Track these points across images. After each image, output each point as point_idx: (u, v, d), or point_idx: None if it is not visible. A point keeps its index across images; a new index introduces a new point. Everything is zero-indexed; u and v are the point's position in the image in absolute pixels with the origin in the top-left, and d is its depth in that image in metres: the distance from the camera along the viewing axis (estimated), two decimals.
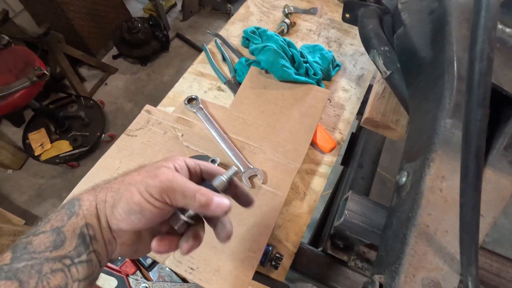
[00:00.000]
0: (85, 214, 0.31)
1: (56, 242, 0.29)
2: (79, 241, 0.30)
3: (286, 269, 0.63)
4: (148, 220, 0.32)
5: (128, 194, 0.31)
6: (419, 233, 0.39)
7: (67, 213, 0.31)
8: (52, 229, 0.30)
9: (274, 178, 0.68)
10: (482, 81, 0.24)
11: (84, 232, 0.31)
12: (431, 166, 0.42)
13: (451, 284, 0.36)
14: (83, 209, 0.31)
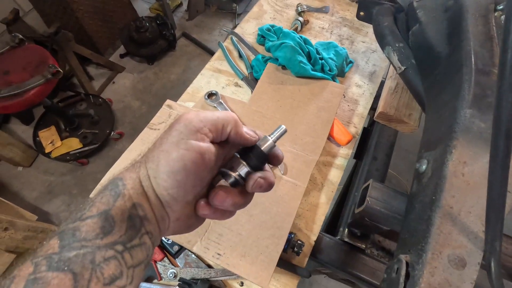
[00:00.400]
0: (131, 193, 0.29)
1: (105, 228, 0.27)
2: (129, 224, 0.28)
3: (307, 256, 0.66)
4: (193, 174, 0.30)
5: (164, 155, 0.29)
6: (444, 214, 0.41)
7: (112, 194, 0.29)
8: (99, 213, 0.27)
9: (294, 169, 0.71)
10: None
11: (133, 213, 0.29)
12: (453, 153, 0.45)
13: (475, 260, 0.39)
14: (128, 188, 0.29)
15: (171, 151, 0.29)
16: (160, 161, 0.29)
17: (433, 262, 0.39)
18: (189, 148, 0.29)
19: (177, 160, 0.29)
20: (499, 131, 0.29)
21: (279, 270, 0.64)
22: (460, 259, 0.39)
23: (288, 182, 0.69)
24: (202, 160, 0.30)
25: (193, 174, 0.30)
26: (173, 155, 0.29)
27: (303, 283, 1.56)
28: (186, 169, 0.29)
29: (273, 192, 0.68)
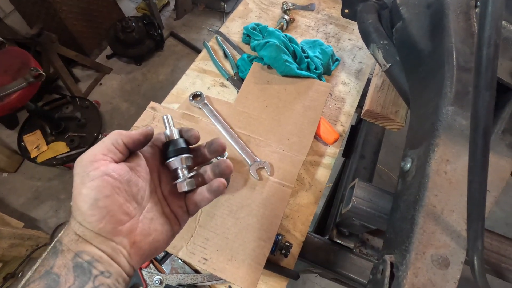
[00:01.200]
0: (70, 246, 0.30)
1: (49, 285, 0.28)
2: (76, 273, 0.29)
3: (295, 257, 0.65)
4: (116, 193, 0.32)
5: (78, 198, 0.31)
6: (427, 213, 0.41)
7: (51, 256, 0.30)
8: (41, 276, 0.29)
9: (281, 170, 0.70)
10: (489, 66, 0.26)
11: (78, 262, 0.30)
12: (435, 151, 0.45)
13: (458, 259, 0.39)
14: (65, 244, 0.31)
15: (80, 190, 0.31)
16: (78, 204, 0.31)
17: (416, 262, 0.39)
18: (92, 178, 0.31)
19: (89, 193, 0.31)
20: (477, 130, 0.28)
21: (267, 273, 0.63)
22: (444, 259, 0.39)
23: (275, 183, 0.68)
24: (114, 178, 0.32)
25: (114, 194, 0.32)
26: (84, 192, 0.31)
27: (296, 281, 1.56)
28: (103, 194, 0.31)
29: (260, 194, 0.67)
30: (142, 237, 0.34)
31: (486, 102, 0.27)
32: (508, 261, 0.50)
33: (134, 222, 0.34)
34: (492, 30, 0.25)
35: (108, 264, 0.31)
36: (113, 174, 0.32)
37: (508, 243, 0.51)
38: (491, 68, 0.26)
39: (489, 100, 0.27)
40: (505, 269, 0.49)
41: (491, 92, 0.27)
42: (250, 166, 0.70)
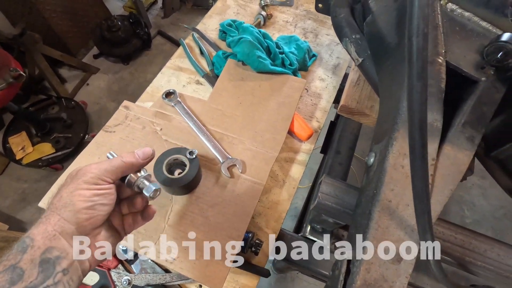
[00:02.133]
0: (41, 243, 0.32)
1: (13, 278, 0.30)
2: (41, 268, 0.31)
3: (267, 255, 0.65)
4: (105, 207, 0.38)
5: (78, 197, 0.36)
6: (382, 208, 0.41)
7: (19, 250, 0.32)
8: (5, 269, 0.31)
9: (253, 167, 0.69)
10: (419, 55, 0.25)
11: (47, 257, 0.32)
12: (394, 145, 0.44)
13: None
14: (37, 240, 0.33)
15: (84, 192, 0.36)
16: (76, 202, 0.35)
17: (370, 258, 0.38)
18: (100, 188, 0.38)
19: (92, 197, 0.36)
20: (413, 121, 0.28)
21: (238, 271, 0.62)
22: (396, 254, 0.38)
23: (247, 180, 0.68)
24: (112, 195, 0.39)
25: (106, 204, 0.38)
26: (87, 194, 0.36)
27: (285, 278, 1.56)
28: (102, 202, 0.38)
29: (231, 192, 0.66)
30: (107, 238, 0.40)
31: (418, 93, 0.26)
32: (472, 254, 0.50)
33: (100, 229, 0.40)
34: (420, 20, 0.25)
35: (71, 261, 0.34)
36: (107, 195, 0.38)
37: (472, 237, 0.51)
38: (421, 58, 0.25)
39: (421, 91, 0.26)
40: (469, 263, 0.49)
41: (423, 82, 0.26)
42: (221, 164, 0.69)
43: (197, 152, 0.65)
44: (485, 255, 0.49)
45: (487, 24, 0.54)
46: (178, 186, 0.61)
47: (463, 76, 0.52)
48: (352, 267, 0.40)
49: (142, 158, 0.43)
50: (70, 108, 1.95)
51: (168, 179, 0.62)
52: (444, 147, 0.45)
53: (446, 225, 0.51)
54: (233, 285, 0.62)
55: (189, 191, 0.66)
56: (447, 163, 0.44)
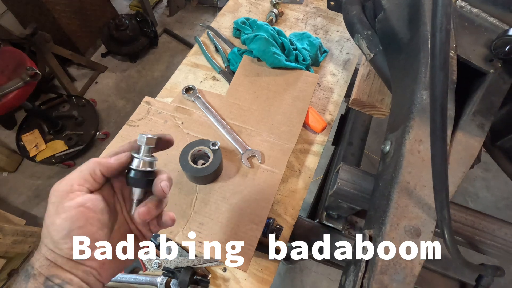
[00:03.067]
0: (41, 271, 0.32)
1: None
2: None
3: (287, 239, 0.69)
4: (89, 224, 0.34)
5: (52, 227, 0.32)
6: (401, 189, 0.45)
7: (23, 279, 0.32)
8: None
9: (271, 158, 0.73)
10: (442, 48, 0.29)
11: (49, 285, 0.32)
12: (410, 132, 0.48)
13: (429, 229, 0.42)
14: (36, 268, 0.32)
15: (54, 221, 0.32)
16: (52, 233, 0.32)
17: (391, 233, 0.42)
18: (67, 209, 0.32)
19: (62, 224, 0.32)
20: (435, 107, 0.32)
21: (260, 255, 0.67)
22: (415, 229, 0.42)
23: (266, 170, 0.72)
24: (88, 209, 0.34)
25: (87, 224, 0.33)
26: (58, 222, 0.32)
27: (294, 269, 1.61)
28: (77, 225, 0.33)
29: (252, 181, 0.70)
30: (110, 257, 0.36)
31: (441, 81, 0.30)
32: (482, 234, 0.53)
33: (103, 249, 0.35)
34: (443, 17, 0.28)
35: (78, 286, 0.33)
36: (89, 205, 0.34)
37: (482, 218, 0.55)
38: (443, 50, 0.29)
39: (443, 80, 0.30)
40: (479, 241, 0.53)
41: (445, 72, 0.30)
42: (242, 155, 0.73)
43: (219, 144, 0.69)
44: (493, 234, 0.53)
45: (495, 20, 0.58)
46: (203, 175, 0.65)
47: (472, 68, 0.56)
48: (374, 243, 0.44)
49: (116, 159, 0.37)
50: (80, 106, 1.99)
51: (193, 169, 0.66)
52: (457, 133, 0.49)
53: (456, 207, 0.55)
54: (256, 267, 0.66)
55: (212, 180, 0.70)
56: (459, 148, 0.47)
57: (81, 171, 0.35)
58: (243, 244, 0.62)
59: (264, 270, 0.66)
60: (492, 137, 0.72)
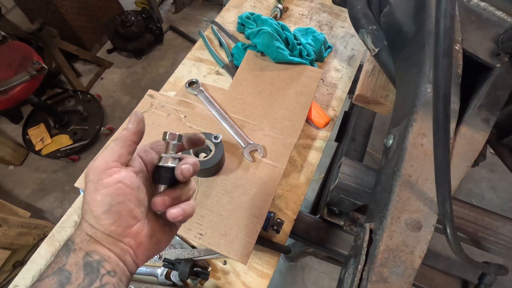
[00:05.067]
0: (81, 246, 0.33)
1: (61, 281, 0.30)
2: (86, 271, 0.32)
3: (287, 234, 0.68)
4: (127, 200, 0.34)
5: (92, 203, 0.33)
6: (403, 182, 0.44)
7: (64, 254, 0.32)
8: (54, 272, 0.31)
9: (273, 152, 0.73)
10: (446, 35, 0.29)
11: (88, 260, 0.32)
12: (413, 125, 0.47)
13: (430, 222, 0.42)
14: (77, 243, 0.33)
15: (95, 197, 0.33)
16: (93, 209, 0.33)
17: (391, 226, 0.42)
18: (106, 185, 0.33)
19: (103, 199, 0.33)
20: (437, 95, 0.31)
21: (261, 248, 0.67)
22: (416, 222, 0.42)
23: (268, 164, 0.71)
24: (126, 185, 0.34)
25: (126, 200, 0.34)
26: (98, 198, 0.33)
27: (295, 267, 1.61)
28: (117, 200, 0.33)
29: (253, 174, 0.70)
30: (147, 238, 0.36)
31: (445, 69, 0.29)
32: (485, 231, 0.53)
33: (140, 224, 0.36)
34: (448, 3, 0.28)
35: (115, 263, 0.34)
36: (126, 181, 0.34)
37: (485, 214, 0.54)
38: (447, 37, 0.29)
39: (447, 67, 0.29)
40: (482, 238, 0.52)
41: (449, 59, 0.29)
42: (244, 149, 0.73)
43: (221, 137, 0.69)
44: (497, 231, 0.52)
45: (502, 14, 0.57)
46: (205, 168, 0.66)
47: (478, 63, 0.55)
48: (374, 236, 0.43)
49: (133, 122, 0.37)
50: (86, 101, 2.01)
51: None
52: (461, 127, 0.48)
53: (459, 203, 0.54)
54: (256, 260, 0.66)
55: (214, 173, 0.70)
56: (463, 142, 0.47)
57: (112, 148, 0.36)
58: (243, 237, 0.61)
59: (265, 264, 0.66)
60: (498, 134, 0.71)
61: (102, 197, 0.33)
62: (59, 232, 0.72)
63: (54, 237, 0.71)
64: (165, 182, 0.38)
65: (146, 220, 0.37)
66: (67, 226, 0.73)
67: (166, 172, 0.38)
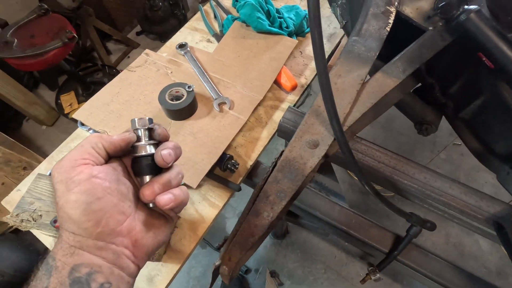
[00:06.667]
0: (64, 261, 0.28)
1: None
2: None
3: (241, 176, 0.77)
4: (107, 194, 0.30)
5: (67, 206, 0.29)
6: (312, 111, 0.52)
7: (44, 273, 0.28)
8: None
9: (240, 106, 0.82)
10: None
11: (76, 277, 0.28)
12: (333, 68, 0.55)
13: (326, 142, 0.49)
14: (59, 259, 0.28)
15: (68, 198, 0.29)
16: (69, 212, 0.29)
17: (294, 143, 0.50)
18: (78, 183, 0.29)
19: (79, 199, 0.29)
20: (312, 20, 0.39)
21: (216, 184, 0.76)
22: (314, 142, 0.50)
23: (233, 115, 0.81)
24: (102, 179, 0.31)
25: (106, 194, 0.30)
26: (73, 198, 0.29)
27: (280, 244, 1.68)
28: (95, 196, 0.29)
29: (218, 122, 0.80)
30: (143, 234, 0.33)
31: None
32: (401, 175, 0.58)
33: (131, 220, 0.32)
34: None
35: (109, 272, 0.29)
36: (100, 175, 0.31)
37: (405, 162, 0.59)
38: None
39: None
40: (397, 181, 0.58)
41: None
42: (214, 101, 0.83)
43: (194, 87, 0.80)
44: (413, 176, 0.58)
45: None
46: (176, 109, 0.77)
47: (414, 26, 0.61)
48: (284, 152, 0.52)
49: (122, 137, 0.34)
50: (111, 75, 2.23)
51: (169, 104, 0.78)
52: (376, 74, 0.55)
53: (383, 150, 0.60)
54: (210, 194, 0.76)
55: (185, 118, 0.81)
56: (374, 84, 0.53)
57: (81, 145, 0.32)
58: (197, 167, 0.72)
59: (217, 197, 0.76)
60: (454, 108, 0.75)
61: (77, 196, 0.29)
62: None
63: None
64: (147, 172, 0.35)
65: (136, 214, 0.33)
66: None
67: (146, 161, 0.35)
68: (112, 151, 0.34)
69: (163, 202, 0.33)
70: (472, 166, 1.84)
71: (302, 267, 1.61)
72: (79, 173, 0.30)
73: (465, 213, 0.54)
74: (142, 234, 0.33)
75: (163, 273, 0.66)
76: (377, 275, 0.66)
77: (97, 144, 0.33)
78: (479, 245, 1.63)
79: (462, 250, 1.63)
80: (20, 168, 1.55)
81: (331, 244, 1.65)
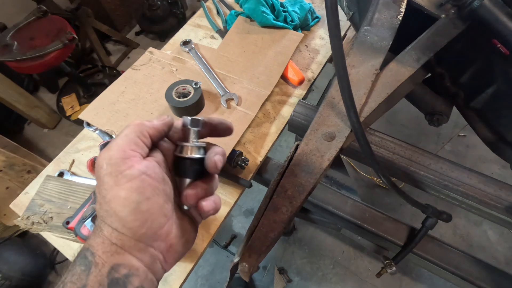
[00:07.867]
0: (104, 259, 0.27)
1: None
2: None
3: (252, 172, 0.77)
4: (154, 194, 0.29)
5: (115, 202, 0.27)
6: (327, 102, 0.51)
7: (82, 270, 0.27)
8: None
9: (247, 102, 0.81)
10: None
11: (114, 277, 0.27)
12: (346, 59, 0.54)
13: (343, 135, 0.48)
14: (99, 255, 0.27)
15: (117, 193, 0.27)
16: (116, 209, 0.27)
17: (309, 136, 0.49)
18: (130, 178, 0.28)
19: (129, 196, 0.27)
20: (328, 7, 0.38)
21: (226, 181, 0.75)
22: (331, 134, 0.49)
23: (241, 111, 0.80)
24: (151, 177, 0.29)
25: (155, 195, 0.29)
26: (122, 195, 0.27)
27: (287, 240, 1.67)
28: (145, 196, 0.28)
29: (226, 118, 0.78)
30: (177, 239, 0.31)
31: None
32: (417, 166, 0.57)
33: (170, 224, 0.31)
34: None
35: (144, 276, 0.28)
36: (150, 173, 0.29)
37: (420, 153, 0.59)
38: None
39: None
40: (414, 172, 0.57)
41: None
42: (221, 97, 0.82)
43: (201, 83, 0.79)
44: (429, 167, 0.57)
45: None
46: (183, 107, 0.76)
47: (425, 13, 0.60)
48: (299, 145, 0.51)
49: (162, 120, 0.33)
50: (112, 76, 2.21)
51: (176, 101, 0.77)
52: (391, 63, 0.54)
53: (398, 141, 0.59)
54: (221, 191, 0.75)
55: (192, 114, 0.79)
56: (389, 74, 0.52)
57: (127, 135, 0.30)
58: None
59: (228, 194, 0.75)
60: (465, 98, 0.74)
61: (127, 193, 0.27)
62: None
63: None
64: (193, 175, 0.33)
65: (175, 218, 0.32)
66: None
67: (194, 164, 0.33)
68: (156, 138, 0.32)
69: (207, 207, 0.32)
70: (478, 157, 1.84)
71: (310, 263, 1.61)
72: (130, 168, 0.28)
73: (483, 203, 0.53)
74: (177, 239, 0.32)
75: (177, 272, 0.65)
76: (393, 268, 0.65)
77: (142, 132, 0.31)
78: (487, 236, 1.63)
79: (470, 241, 1.62)
80: (24, 171, 1.54)
81: (338, 239, 1.64)
